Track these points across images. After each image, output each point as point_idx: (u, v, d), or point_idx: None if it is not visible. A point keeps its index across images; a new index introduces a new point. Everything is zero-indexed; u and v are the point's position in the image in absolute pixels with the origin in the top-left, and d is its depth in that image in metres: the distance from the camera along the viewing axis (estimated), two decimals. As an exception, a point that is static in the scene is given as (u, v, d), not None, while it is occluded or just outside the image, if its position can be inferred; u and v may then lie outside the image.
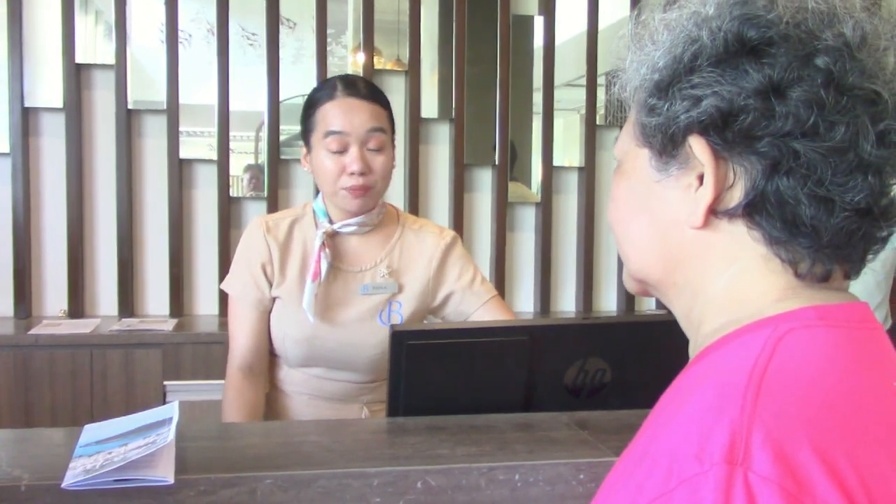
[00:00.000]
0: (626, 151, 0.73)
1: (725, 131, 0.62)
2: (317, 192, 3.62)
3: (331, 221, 1.72)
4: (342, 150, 1.64)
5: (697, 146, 0.64)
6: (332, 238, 1.72)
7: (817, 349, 0.60)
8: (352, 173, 1.64)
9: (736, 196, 0.63)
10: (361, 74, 3.54)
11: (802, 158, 0.60)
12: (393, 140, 1.73)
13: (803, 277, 0.64)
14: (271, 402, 1.78)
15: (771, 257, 0.64)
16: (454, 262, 1.77)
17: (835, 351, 0.60)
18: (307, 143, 1.72)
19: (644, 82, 0.67)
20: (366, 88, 1.69)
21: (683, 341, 0.73)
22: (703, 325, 0.68)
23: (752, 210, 0.63)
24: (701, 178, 0.64)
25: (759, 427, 0.53)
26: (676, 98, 0.64)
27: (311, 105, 1.70)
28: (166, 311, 3.50)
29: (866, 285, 2.89)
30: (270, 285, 1.71)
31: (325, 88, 1.69)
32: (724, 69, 0.62)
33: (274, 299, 1.72)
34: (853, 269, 0.67)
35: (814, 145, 0.60)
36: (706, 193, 0.64)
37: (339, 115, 1.64)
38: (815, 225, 0.61)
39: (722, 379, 0.59)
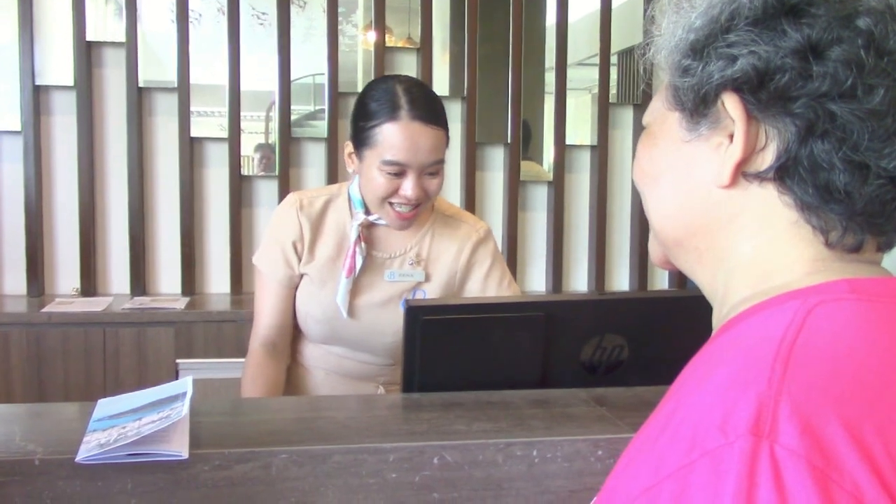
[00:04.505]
0: (656, 115, 0.71)
1: (760, 91, 0.61)
2: (330, 171, 3.58)
3: (367, 212, 1.68)
4: (399, 174, 1.57)
5: (730, 102, 0.62)
6: (366, 227, 1.68)
7: (848, 323, 0.58)
8: (406, 198, 1.58)
9: (767, 159, 0.62)
10: (373, 53, 3.51)
11: (839, 121, 0.59)
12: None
13: (833, 247, 0.63)
14: (289, 376, 1.78)
15: (802, 224, 0.63)
16: (483, 259, 1.73)
17: (867, 325, 0.58)
18: (358, 151, 1.62)
19: (679, 43, 0.66)
20: (431, 109, 1.59)
21: (701, 317, 0.72)
22: (728, 294, 0.67)
23: (784, 174, 0.62)
24: (731, 137, 0.63)
25: (786, 400, 0.51)
26: (712, 57, 0.63)
27: (369, 116, 1.57)
28: (178, 289, 3.50)
29: None
30: (300, 261, 1.69)
31: (387, 102, 1.57)
32: (762, 29, 0.61)
33: (302, 276, 1.71)
34: (887, 241, 0.65)
35: (851, 107, 0.59)
36: (735, 150, 0.63)
37: (403, 143, 1.54)
38: (848, 191, 0.60)
39: (749, 351, 0.57)
